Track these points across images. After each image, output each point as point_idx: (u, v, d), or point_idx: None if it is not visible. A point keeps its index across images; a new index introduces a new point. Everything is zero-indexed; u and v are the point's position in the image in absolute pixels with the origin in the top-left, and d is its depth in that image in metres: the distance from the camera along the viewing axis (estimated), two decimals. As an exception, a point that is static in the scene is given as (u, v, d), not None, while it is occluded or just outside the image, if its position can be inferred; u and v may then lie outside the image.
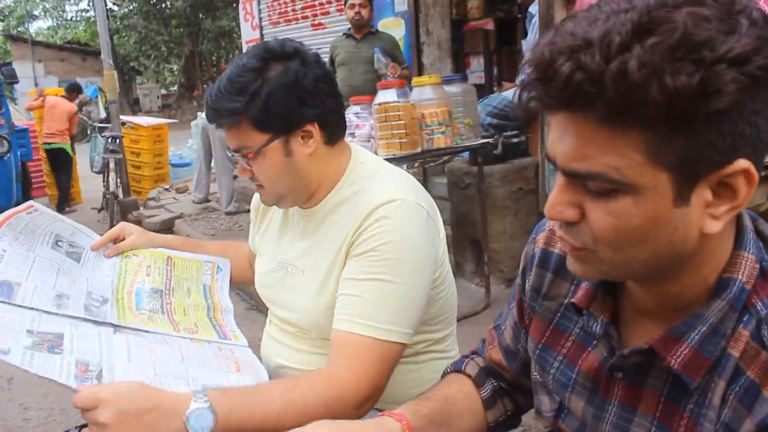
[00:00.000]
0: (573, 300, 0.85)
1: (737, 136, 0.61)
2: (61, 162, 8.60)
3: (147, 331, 1.24)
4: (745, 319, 0.69)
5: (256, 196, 1.50)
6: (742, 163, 0.63)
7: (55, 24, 34.05)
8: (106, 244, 1.44)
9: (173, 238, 1.58)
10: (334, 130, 1.30)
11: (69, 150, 8.64)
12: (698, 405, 0.72)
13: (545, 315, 0.94)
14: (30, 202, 1.36)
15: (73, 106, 8.86)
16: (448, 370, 1.16)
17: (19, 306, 1.15)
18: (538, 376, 0.96)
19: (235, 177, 7.03)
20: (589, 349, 0.86)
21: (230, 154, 1.29)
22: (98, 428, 0.98)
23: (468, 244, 4.09)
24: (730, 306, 0.70)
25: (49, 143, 8.51)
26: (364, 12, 4.99)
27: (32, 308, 1.15)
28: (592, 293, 0.82)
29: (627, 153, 0.62)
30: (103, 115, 9.26)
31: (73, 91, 9.21)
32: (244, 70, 1.21)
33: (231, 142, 1.26)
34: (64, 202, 8.63)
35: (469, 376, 1.11)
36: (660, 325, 0.76)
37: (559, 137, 0.67)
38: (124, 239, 1.46)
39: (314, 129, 1.26)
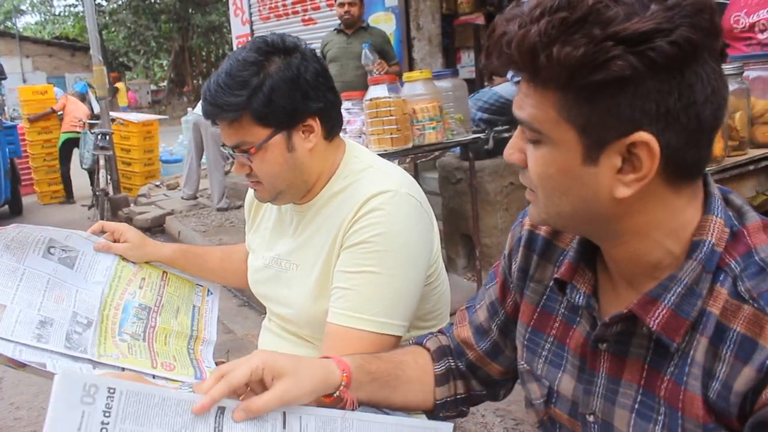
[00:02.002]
0: (556, 275, 0.88)
1: (637, 110, 0.68)
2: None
3: (123, 369, 1.21)
4: (720, 278, 0.73)
5: (250, 194, 1.49)
6: (643, 136, 0.68)
7: (42, 19, 33.77)
8: (98, 230, 1.44)
9: (173, 251, 1.52)
10: (334, 125, 1.30)
11: None
12: (678, 366, 0.75)
13: (532, 298, 0.96)
14: (14, 225, 1.33)
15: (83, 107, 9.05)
16: (410, 342, 1.17)
17: (1, 339, 1.14)
18: (525, 365, 0.97)
19: (227, 173, 7.01)
20: (574, 326, 0.88)
21: (227, 151, 1.26)
22: None
23: (459, 238, 4.10)
24: (703, 266, 0.73)
25: (78, 132, 8.61)
26: (353, 10, 4.99)
27: (14, 341, 1.14)
28: (574, 267, 0.87)
29: (545, 108, 0.72)
30: (96, 110, 9.27)
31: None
32: (245, 64, 1.20)
33: (230, 138, 1.24)
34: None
35: (428, 350, 1.12)
36: (636, 295, 0.78)
37: (518, 94, 0.77)
38: (119, 241, 1.45)
39: (315, 123, 1.25)
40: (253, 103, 1.19)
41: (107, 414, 0.76)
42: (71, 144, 8.70)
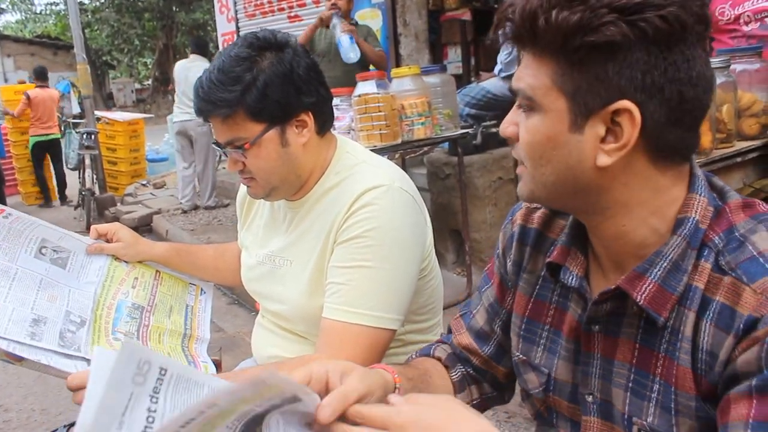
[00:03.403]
0: (549, 259, 0.90)
1: (624, 78, 0.72)
2: (56, 152, 8.60)
3: None
4: (705, 253, 0.76)
5: (242, 192, 1.49)
6: (626, 103, 0.72)
7: (23, 18, 33.37)
8: (95, 238, 1.43)
9: (166, 250, 1.51)
10: (326, 120, 1.31)
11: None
12: (671, 343, 0.77)
13: (526, 288, 0.98)
14: (1, 207, 1.32)
15: (55, 92, 8.75)
16: (414, 356, 1.13)
17: None
18: (521, 356, 0.98)
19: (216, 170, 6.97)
20: (567, 312, 0.90)
21: (221, 148, 1.26)
22: None
23: (448, 234, 4.11)
24: (688, 242, 0.76)
25: (47, 134, 8.46)
26: (341, 3, 4.96)
27: (7, 339, 1.13)
28: (566, 250, 0.89)
29: (540, 77, 0.76)
30: (76, 110, 9.11)
31: (44, 77, 8.82)
32: (238, 60, 1.20)
33: (223, 134, 1.24)
34: (64, 190, 8.83)
35: (439, 359, 1.10)
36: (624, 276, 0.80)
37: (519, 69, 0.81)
38: (112, 240, 1.44)
39: (308, 118, 1.26)
40: (247, 98, 1.18)
41: (154, 400, 0.68)
42: (42, 147, 8.50)
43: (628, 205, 0.78)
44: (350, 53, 4.56)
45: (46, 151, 8.56)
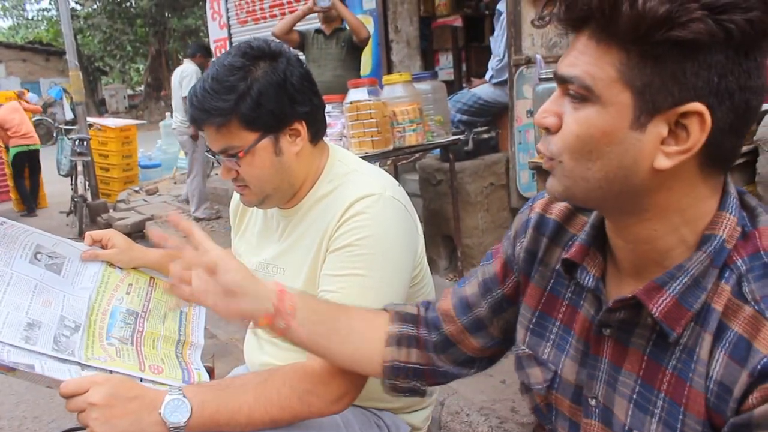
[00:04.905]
0: (566, 256, 0.88)
1: (701, 79, 0.68)
2: (35, 163, 8.52)
3: (111, 372, 1.21)
4: (726, 275, 0.73)
5: (235, 199, 1.50)
6: (699, 106, 0.68)
7: (15, 23, 33.26)
8: (90, 244, 1.44)
9: (160, 256, 1.51)
10: (319, 128, 1.32)
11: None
12: (682, 361, 0.75)
13: (540, 281, 0.96)
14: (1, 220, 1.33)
15: (15, 103, 8.66)
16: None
17: None
18: (527, 350, 0.96)
19: (207, 176, 6.96)
20: (580, 310, 0.89)
21: (215, 156, 1.27)
22: (88, 408, 1.01)
23: (441, 240, 4.13)
24: (711, 260, 0.73)
25: (29, 145, 8.37)
26: None
27: (1, 342, 1.13)
28: (585, 249, 0.87)
29: (604, 67, 0.71)
30: (69, 116, 9.08)
31: None
32: (232, 69, 1.21)
33: (217, 142, 1.25)
34: (36, 202, 8.66)
35: (389, 312, 1.11)
36: (641, 286, 0.79)
37: (567, 54, 0.75)
38: (106, 246, 1.44)
39: (302, 127, 1.27)
40: (241, 107, 1.20)
41: None
42: (23, 157, 8.36)
43: (666, 210, 0.75)
44: None
45: (27, 160, 8.43)
